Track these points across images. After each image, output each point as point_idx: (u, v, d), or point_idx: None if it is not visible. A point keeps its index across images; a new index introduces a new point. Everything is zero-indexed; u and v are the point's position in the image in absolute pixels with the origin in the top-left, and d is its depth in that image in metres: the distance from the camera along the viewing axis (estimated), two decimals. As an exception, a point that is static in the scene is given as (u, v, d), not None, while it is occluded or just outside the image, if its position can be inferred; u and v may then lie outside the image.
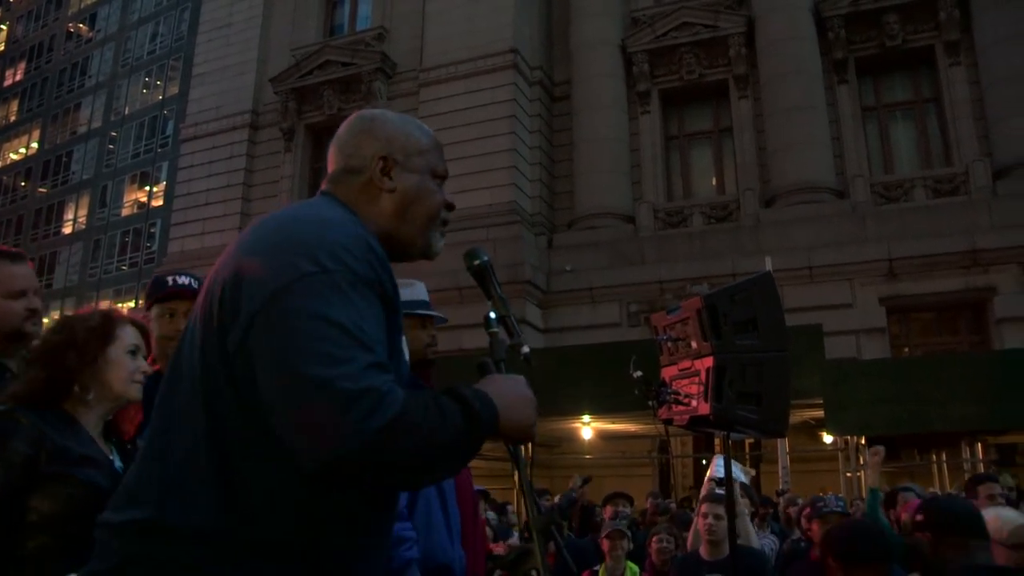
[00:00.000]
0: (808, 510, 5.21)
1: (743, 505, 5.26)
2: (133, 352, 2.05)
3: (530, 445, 11.26)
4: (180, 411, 1.34)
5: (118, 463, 2.00)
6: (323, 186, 1.56)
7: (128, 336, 2.06)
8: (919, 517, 2.74)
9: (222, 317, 1.31)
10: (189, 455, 1.30)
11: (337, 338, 1.20)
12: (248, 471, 1.27)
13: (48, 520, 1.78)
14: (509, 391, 1.38)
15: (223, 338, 1.30)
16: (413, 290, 2.66)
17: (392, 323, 1.36)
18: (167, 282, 2.67)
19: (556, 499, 8.93)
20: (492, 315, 1.59)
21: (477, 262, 1.64)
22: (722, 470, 6.37)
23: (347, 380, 1.17)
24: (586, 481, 8.84)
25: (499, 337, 1.55)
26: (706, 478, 6.39)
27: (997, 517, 3.33)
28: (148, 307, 2.73)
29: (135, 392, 2.03)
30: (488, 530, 6.28)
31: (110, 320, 2.05)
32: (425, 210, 1.53)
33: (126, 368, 2.01)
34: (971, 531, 2.59)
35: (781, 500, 8.50)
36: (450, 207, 1.59)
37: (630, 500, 8.17)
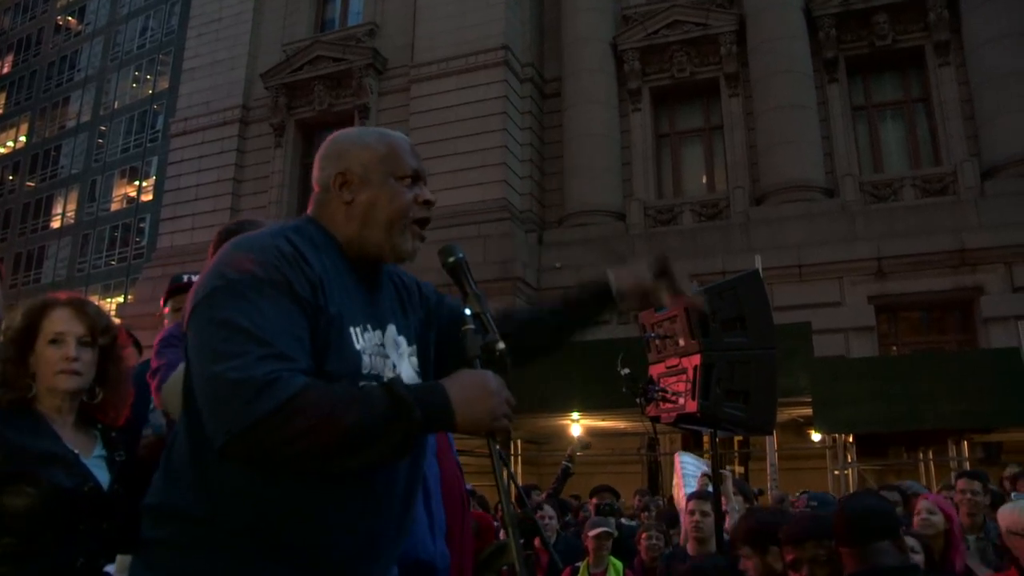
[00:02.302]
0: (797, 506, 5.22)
1: (738, 502, 5.26)
2: (56, 340, 1.95)
3: (518, 442, 11.25)
4: (180, 417, 1.55)
5: (100, 451, 1.97)
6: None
7: (52, 324, 1.96)
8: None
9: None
10: (180, 447, 1.52)
11: (231, 337, 1.36)
12: (211, 464, 1.43)
13: (11, 521, 1.75)
14: (470, 384, 1.44)
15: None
16: None
17: (319, 317, 1.47)
18: (182, 278, 2.77)
19: (543, 495, 8.91)
20: (467, 312, 1.60)
21: (452, 259, 1.67)
22: (689, 467, 6.41)
23: (235, 371, 1.32)
24: (586, 446, 8.69)
25: (474, 334, 1.56)
26: (675, 475, 6.40)
27: (1014, 509, 3.37)
28: (164, 303, 2.85)
29: (63, 383, 1.93)
30: None
31: (35, 314, 1.97)
32: (386, 214, 1.61)
33: (49, 360, 1.93)
34: (862, 536, 2.54)
35: (770, 499, 8.54)
36: (427, 203, 1.67)
37: (616, 494, 8.18)
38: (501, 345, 1.56)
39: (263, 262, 1.45)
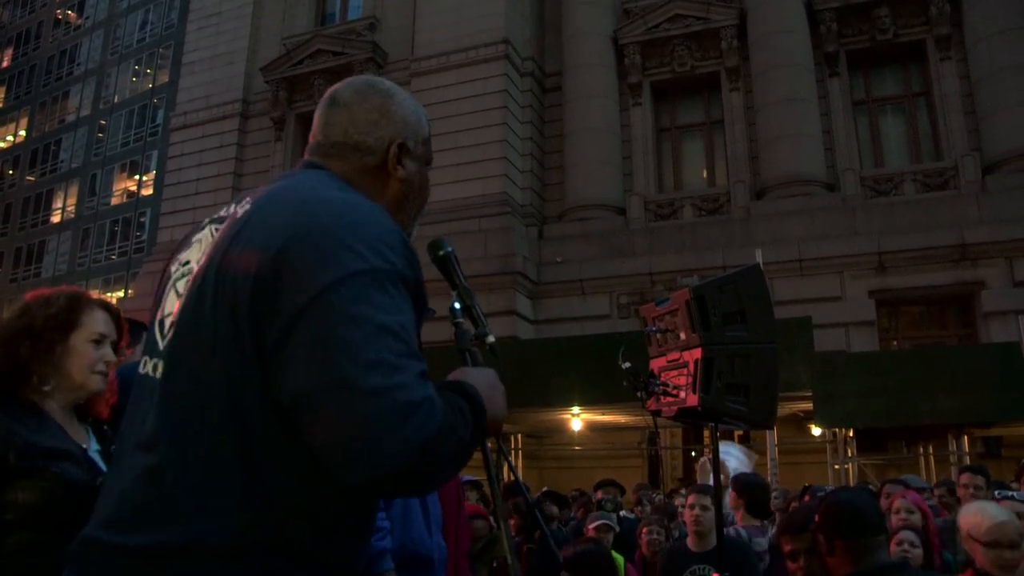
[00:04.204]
0: (807, 499, 5.23)
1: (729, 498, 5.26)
2: (98, 341, 1.96)
3: (519, 436, 11.22)
4: (195, 417, 1.21)
5: (95, 446, 1.97)
6: (311, 155, 1.50)
7: (95, 323, 1.97)
8: (816, 517, 2.66)
9: (255, 309, 1.19)
10: (215, 467, 1.19)
11: (390, 345, 1.13)
12: (275, 482, 1.20)
13: (25, 516, 1.75)
14: (485, 383, 1.34)
15: (259, 332, 1.18)
16: None
17: (419, 323, 1.30)
18: None
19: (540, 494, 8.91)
20: (457, 306, 1.57)
21: (441, 252, 1.60)
22: (732, 460, 6.50)
23: (404, 391, 1.11)
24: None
25: (464, 328, 1.54)
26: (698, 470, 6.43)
27: (978, 512, 3.19)
28: None
29: (96, 383, 1.95)
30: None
31: (75, 305, 1.95)
32: (421, 200, 1.55)
33: (88, 358, 1.93)
34: (861, 530, 2.50)
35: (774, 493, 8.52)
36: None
37: (621, 489, 8.18)
38: (492, 338, 1.54)
39: (397, 250, 1.24)
